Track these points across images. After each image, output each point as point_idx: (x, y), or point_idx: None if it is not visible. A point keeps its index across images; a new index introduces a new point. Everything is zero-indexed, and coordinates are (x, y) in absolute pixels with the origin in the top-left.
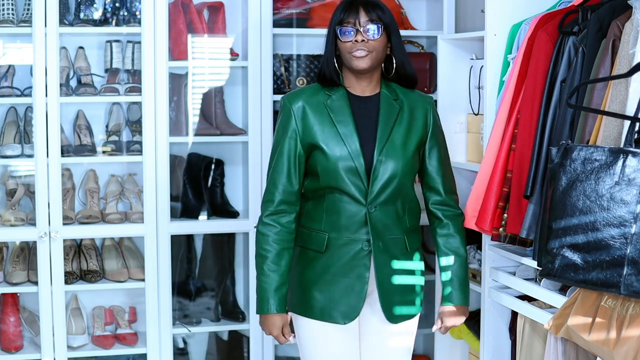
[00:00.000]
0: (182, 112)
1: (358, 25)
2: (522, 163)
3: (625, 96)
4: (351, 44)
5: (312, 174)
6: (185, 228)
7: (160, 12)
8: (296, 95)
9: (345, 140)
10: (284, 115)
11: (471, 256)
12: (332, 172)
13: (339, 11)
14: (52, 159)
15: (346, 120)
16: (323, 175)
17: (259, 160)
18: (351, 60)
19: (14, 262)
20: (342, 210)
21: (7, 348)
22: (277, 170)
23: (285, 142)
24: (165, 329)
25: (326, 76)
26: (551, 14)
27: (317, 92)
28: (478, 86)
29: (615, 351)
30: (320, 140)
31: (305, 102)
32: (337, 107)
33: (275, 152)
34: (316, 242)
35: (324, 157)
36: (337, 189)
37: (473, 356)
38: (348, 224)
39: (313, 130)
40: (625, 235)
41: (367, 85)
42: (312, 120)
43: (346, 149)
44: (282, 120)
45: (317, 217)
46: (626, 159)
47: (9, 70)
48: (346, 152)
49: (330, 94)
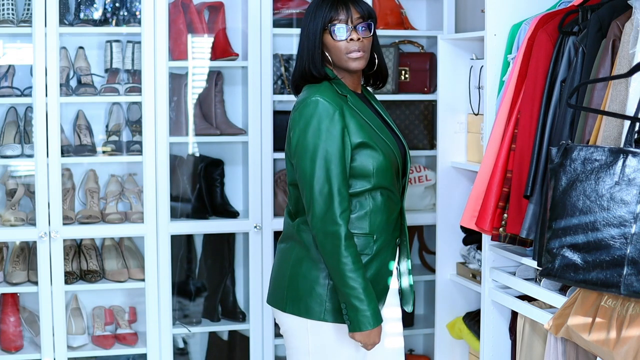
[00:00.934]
0: (182, 112)
1: (350, 22)
2: (522, 163)
3: (625, 96)
4: (346, 43)
5: (360, 175)
6: (185, 228)
7: (160, 12)
8: (327, 95)
9: (385, 138)
10: (325, 117)
11: (471, 256)
12: (385, 170)
13: (327, 7)
14: (52, 159)
15: (373, 117)
16: (377, 175)
17: (259, 160)
18: (347, 62)
19: (14, 262)
20: (386, 209)
21: (7, 348)
22: (335, 175)
23: (335, 145)
24: (165, 329)
25: (314, 75)
26: (551, 14)
27: (333, 90)
28: (478, 86)
29: (615, 351)
30: (368, 139)
31: (341, 101)
32: (359, 105)
33: (324, 158)
34: (364, 247)
35: (377, 156)
36: (385, 188)
37: (473, 356)
38: (390, 223)
39: (357, 129)
40: (625, 235)
41: (359, 82)
42: (351, 119)
43: (389, 146)
44: (325, 122)
45: (360, 221)
46: (626, 159)
47: (9, 70)
48: (390, 149)
49: (341, 92)
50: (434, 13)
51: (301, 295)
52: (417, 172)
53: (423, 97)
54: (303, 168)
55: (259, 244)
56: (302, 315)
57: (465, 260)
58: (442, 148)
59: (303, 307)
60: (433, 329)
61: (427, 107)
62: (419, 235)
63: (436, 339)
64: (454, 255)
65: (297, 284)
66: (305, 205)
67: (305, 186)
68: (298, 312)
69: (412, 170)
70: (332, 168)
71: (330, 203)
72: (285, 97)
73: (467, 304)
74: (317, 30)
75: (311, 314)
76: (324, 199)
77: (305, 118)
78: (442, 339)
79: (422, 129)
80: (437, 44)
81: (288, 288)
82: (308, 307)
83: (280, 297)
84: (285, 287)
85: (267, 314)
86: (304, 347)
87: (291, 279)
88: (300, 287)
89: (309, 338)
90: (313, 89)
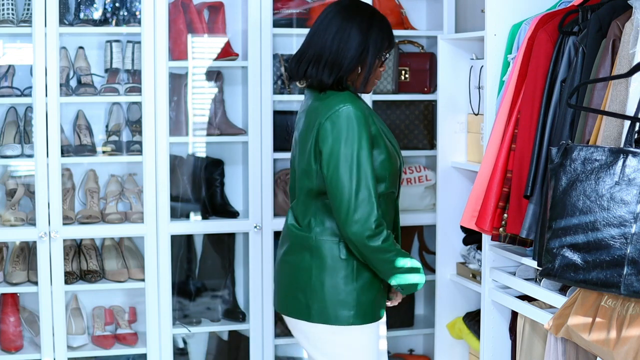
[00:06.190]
0: (182, 112)
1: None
2: (522, 163)
3: (625, 96)
4: (381, 72)
5: (378, 180)
6: (185, 228)
7: (160, 12)
8: (357, 104)
9: (393, 144)
10: (358, 124)
11: (471, 256)
12: (395, 175)
13: (387, 32)
14: (52, 159)
15: (383, 126)
16: (390, 180)
17: (259, 160)
18: (372, 86)
19: (14, 262)
20: (391, 211)
21: (7, 348)
22: (371, 180)
23: (368, 152)
24: (165, 329)
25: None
26: (551, 14)
27: (358, 99)
28: (478, 86)
29: (615, 351)
30: (386, 147)
31: (367, 110)
32: (374, 114)
33: (361, 165)
34: None
35: (391, 162)
36: (392, 191)
37: (473, 356)
38: (390, 223)
39: (378, 137)
40: (625, 235)
41: None
42: (373, 126)
43: (396, 152)
44: (358, 130)
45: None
46: (626, 159)
47: (9, 70)
48: (396, 154)
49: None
50: (434, 13)
51: (327, 304)
52: (417, 172)
53: (423, 97)
54: (341, 176)
55: (259, 244)
56: (331, 323)
57: (465, 260)
58: (442, 148)
59: (332, 315)
60: (433, 329)
61: (427, 107)
62: (419, 235)
63: (436, 339)
64: (454, 255)
65: (322, 295)
66: (342, 212)
67: (343, 194)
68: (327, 321)
69: (412, 170)
70: (368, 174)
71: (371, 207)
72: (285, 97)
73: (467, 304)
74: (376, 51)
75: (340, 320)
76: (365, 204)
77: (338, 127)
78: (442, 339)
79: (422, 129)
80: (437, 44)
81: (312, 299)
82: (337, 314)
83: (303, 308)
84: (309, 298)
85: (267, 314)
86: (332, 351)
87: (314, 290)
88: (326, 297)
89: (337, 342)
90: (340, 97)
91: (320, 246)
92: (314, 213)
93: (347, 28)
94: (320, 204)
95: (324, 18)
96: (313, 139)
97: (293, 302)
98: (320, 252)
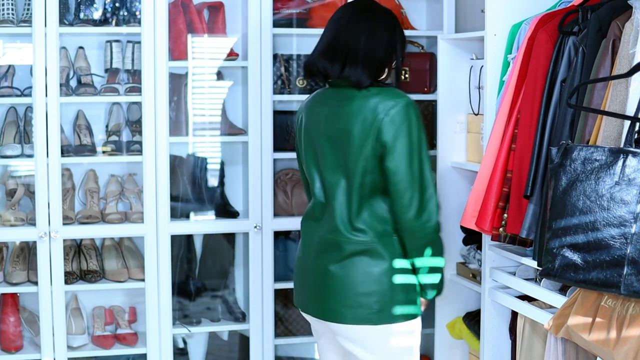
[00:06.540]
0: (182, 112)
1: None
2: (522, 163)
3: (625, 96)
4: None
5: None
6: (185, 228)
7: (160, 12)
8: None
9: None
10: (419, 116)
11: (471, 256)
12: None
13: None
14: (52, 159)
15: None
16: None
17: (259, 160)
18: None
19: (14, 262)
20: None
21: (7, 348)
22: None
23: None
24: (165, 329)
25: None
26: (551, 14)
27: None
28: (478, 86)
29: (615, 351)
30: None
31: None
32: None
33: (428, 157)
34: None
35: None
36: None
37: (473, 356)
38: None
39: None
40: (625, 235)
41: None
42: None
43: None
44: (419, 121)
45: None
46: (626, 159)
47: (9, 70)
48: None
49: None
50: (434, 13)
51: (396, 304)
52: None
53: (423, 97)
54: (414, 169)
55: (259, 244)
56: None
57: (465, 260)
58: (442, 148)
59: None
60: (433, 329)
61: (427, 107)
62: None
63: (436, 339)
64: (454, 255)
65: (392, 296)
66: (414, 205)
67: (417, 186)
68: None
69: None
70: (428, 163)
71: (437, 198)
72: (285, 97)
73: (467, 304)
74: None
75: (412, 315)
76: (436, 196)
77: (408, 120)
78: (442, 339)
79: None
80: (437, 44)
81: (383, 302)
82: (408, 312)
83: (371, 313)
84: (378, 302)
85: (267, 314)
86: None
87: (383, 294)
88: (396, 298)
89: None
90: (393, 91)
91: (385, 247)
92: (370, 213)
93: (376, 28)
94: (373, 202)
95: (350, 17)
96: (374, 135)
97: (356, 309)
98: (381, 254)
